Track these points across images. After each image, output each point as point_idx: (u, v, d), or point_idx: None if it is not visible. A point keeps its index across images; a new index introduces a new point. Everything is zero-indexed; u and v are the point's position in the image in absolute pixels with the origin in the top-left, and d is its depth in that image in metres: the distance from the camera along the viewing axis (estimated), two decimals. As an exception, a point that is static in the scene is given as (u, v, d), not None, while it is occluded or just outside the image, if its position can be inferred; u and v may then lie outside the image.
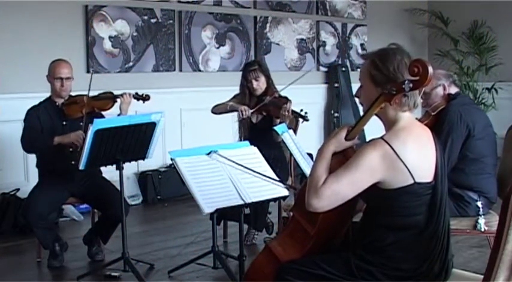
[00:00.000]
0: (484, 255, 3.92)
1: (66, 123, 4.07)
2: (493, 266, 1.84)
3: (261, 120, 4.56)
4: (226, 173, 2.97)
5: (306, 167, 3.68)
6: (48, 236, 4.01)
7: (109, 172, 4.02)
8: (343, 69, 7.92)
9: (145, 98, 4.08)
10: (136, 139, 3.66)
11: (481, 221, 3.27)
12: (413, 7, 8.58)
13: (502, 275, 1.83)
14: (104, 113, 4.20)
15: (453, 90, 3.60)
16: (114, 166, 3.70)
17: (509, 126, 3.59)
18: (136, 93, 4.11)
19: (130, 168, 5.71)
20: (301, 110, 4.34)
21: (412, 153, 2.05)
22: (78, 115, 4.01)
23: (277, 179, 3.03)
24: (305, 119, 4.33)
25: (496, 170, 3.53)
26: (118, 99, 4.09)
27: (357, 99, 2.24)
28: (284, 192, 3.05)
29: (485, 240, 3.83)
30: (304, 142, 3.94)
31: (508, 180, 3.39)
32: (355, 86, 7.74)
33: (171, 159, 2.98)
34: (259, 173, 2.95)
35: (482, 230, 3.29)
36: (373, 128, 2.60)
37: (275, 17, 7.26)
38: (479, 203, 3.30)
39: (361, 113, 2.23)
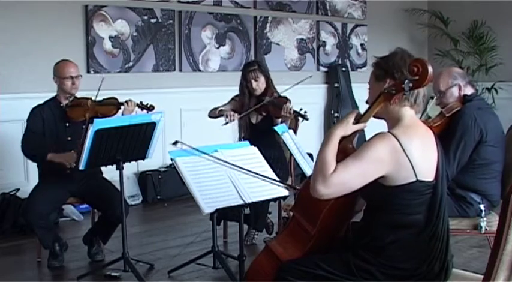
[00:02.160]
0: (484, 255, 3.92)
1: (69, 125, 4.08)
2: (493, 266, 1.84)
3: (261, 120, 4.56)
4: (226, 173, 2.97)
5: (306, 167, 3.69)
6: (48, 236, 4.00)
7: (109, 172, 4.02)
8: (343, 69, 7.92)
9: (149, 108, 4.07)
10: (136, 139, 3.66)
11: (483, 223, 3.27)
12: (413, 7, 8.57)
13: (502, 275, 1.83)
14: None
15: (469, 91, 3.51)
16: (114, 166, 3.70)
17: (509, 126, 3.59)
18: (141, 103, 4.11)
19: (131, 168, 5.71)
20: (301, 109, 4.35)
21: (417, 151, 2.06)
22: (80, 119, 4.02)
23: (277, 179, 3.03)
24: (305, 118, 4.33)
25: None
26: (122, 106, 4.10)
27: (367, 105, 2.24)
28: (284, 192, 3.05)
29: (485, 240, 3.83)
30: (304, 142, 3.95)
31: (509, 180, 3.39)
32: (355, 86, 7.79)
33: (171, 159, 2.98)
34: (260, 175, 2.95)
35: (483, 231, 3.29)
36: (373, 128, 2.60)
37: (275, 17, 7.25)
38: (482, 206, 3.29)
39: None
